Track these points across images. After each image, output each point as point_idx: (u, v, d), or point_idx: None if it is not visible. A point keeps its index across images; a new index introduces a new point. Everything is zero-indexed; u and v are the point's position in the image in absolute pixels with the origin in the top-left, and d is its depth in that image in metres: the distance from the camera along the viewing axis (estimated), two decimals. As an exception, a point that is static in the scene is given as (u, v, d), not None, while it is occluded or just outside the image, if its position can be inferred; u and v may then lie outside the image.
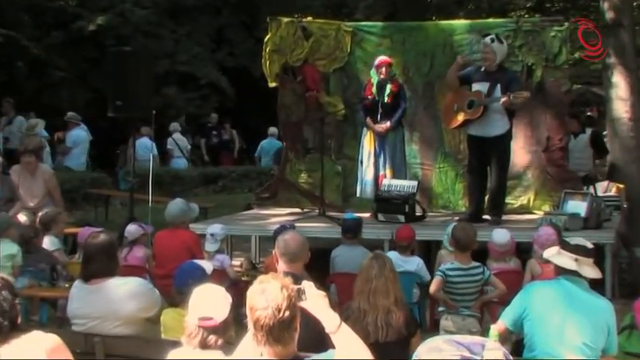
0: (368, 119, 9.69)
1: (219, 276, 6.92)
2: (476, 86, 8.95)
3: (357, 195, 10.05)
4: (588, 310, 4.49)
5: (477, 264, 6.23)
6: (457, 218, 9.04)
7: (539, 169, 10.11)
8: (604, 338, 4.49)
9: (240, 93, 21.51)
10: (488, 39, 8.95)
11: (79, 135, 14.86)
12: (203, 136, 18.86)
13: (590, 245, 4.68)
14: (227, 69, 21.62)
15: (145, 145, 16.06)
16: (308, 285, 3.29)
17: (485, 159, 9.01)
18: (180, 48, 20.44)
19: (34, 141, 10.15)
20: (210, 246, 7.53)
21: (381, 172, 9.63)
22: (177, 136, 17.27)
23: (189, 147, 17.69)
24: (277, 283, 3.21)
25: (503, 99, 8.59)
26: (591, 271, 4.58)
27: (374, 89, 9.60)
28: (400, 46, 10.67)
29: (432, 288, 6.12)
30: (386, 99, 9.52)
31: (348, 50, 10.79)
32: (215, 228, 7.64)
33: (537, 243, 6.78)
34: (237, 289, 7.19)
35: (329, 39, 10.79)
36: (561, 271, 4.61)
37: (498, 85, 8.76)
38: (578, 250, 4.59)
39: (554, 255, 4.68)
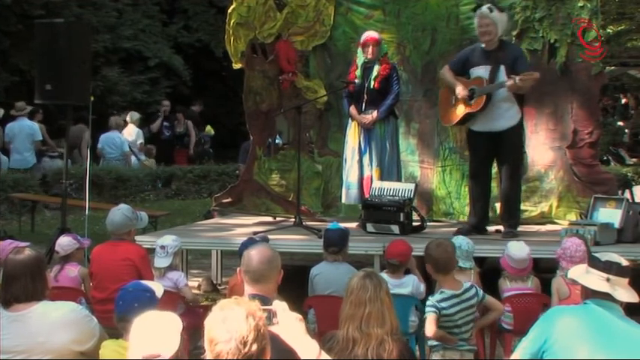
0: (351, 108, 9.68)
1: (172, 299, 6.92)
2: (475, 71, 8.94)
3: (343, 200, 10.05)
4: (623, 341, 4.49)
5: (468, 285, 6.23)
6: (455, 229, 9.12)
7: (564, 169, 10.15)
8: (642, 376, 4.50)
9: (197, 76, 21.48)
10: (485, 8, 8.93)
11: (12, 128, 15.24)
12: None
13: (625, 262, 4.69)
14: (182, 46, 21.59)
15: (112, 141, 16.26)
16: (281, 307, 3.28)
17: (492, 159, 9.05)
18: (125, 20, 20.38)
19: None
20: (160, 261, 7.49)
21: (367, 173, 9.61)
22: (129, 129, 17.35)
23: (140, 142, 17.68)
24: (241, 310, 3.20)
25: (509, 83, 8.59)
26: (626, 294, 4.58)
27: (358, 72, 9.60)
28: (395, 19, 10.71)
29: (429, 329, 6.01)
30: (372, 83, 9.51)
31: (331, 23, 10.83)
32: (166, 239, 7.60)
33: (564, 258, 6.79)
34: (194, 315, 7.20)
35: (307, 9, 10.80)
36: (590, 294, 4.61)
37: (502, 67, 8.77)
38: (610, 267, 4.58)
39: (582, 275, 4.68)
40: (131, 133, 17.34)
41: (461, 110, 9.00)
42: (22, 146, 15.33)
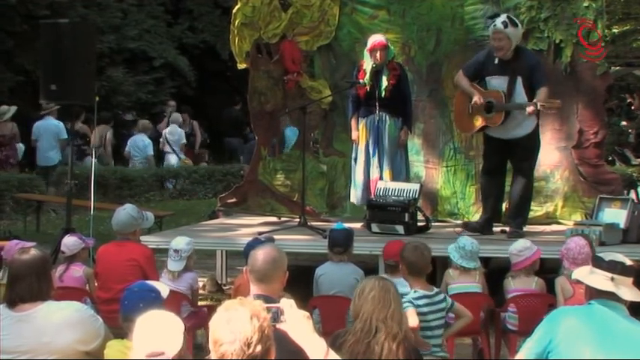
0: (352, 122, 9.74)
1: (177, 300, 6.92)
2: (492, 82, 8.92)
3: (351, 199, 10.05)
4: (627, 341, 4.48)
5: (438, 290, 6.27)
6: (460, 228, 9.12)
7: (569, 169, 10.14)
8: (647, 377, 4.50)
9: (202, 76, 21.49)
10: (499, 23, 8.77)
11: (38, 127, 15.43)
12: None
13: (629, 262, 4.69)
14: (187, 47, 21.57)
15: (136, 144, 16.48)
16: (288, 304, 3.27)
17: (507, 160, 9.09)
18: (129, 20, 20.37)
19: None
20: (174, 264, 7.47)
21: (375, 175, 9.60)
22: (171, 129, 17.67)
23: (182, 142, 17.96)
24: (246, 311, 3.20)
25: (529, 109, 8.59)
26: (630, 293, 4.57)
27: (367, 78, 9.53)
28: (400, 19, 10.69)
29: (414, 320, 5.97)
30: (384, 93, 9.48)
31: (336, 23, 10.80)
32: (179, 242, 7.56)
33: (567, 258, 6.79)
34: (200, 316, 7.22)
35: (312, 9, 10.79)
36: (594, 294, 4.61)
37: (519, 79, 8.75)
38: (614, 267, 4.58)
39: (586, 275, 4.68)
40: (172, 132, 17.65)
41: (479, 122, 9.01)
42: (47, 144, 15.49)
